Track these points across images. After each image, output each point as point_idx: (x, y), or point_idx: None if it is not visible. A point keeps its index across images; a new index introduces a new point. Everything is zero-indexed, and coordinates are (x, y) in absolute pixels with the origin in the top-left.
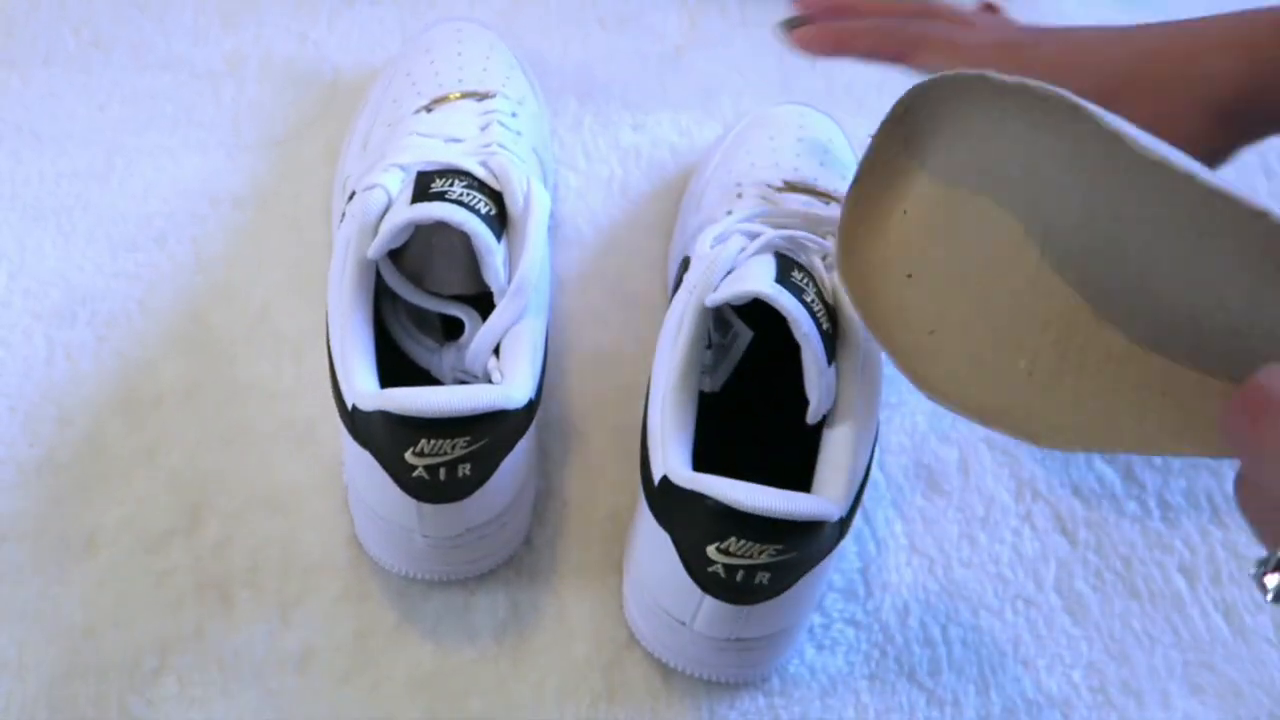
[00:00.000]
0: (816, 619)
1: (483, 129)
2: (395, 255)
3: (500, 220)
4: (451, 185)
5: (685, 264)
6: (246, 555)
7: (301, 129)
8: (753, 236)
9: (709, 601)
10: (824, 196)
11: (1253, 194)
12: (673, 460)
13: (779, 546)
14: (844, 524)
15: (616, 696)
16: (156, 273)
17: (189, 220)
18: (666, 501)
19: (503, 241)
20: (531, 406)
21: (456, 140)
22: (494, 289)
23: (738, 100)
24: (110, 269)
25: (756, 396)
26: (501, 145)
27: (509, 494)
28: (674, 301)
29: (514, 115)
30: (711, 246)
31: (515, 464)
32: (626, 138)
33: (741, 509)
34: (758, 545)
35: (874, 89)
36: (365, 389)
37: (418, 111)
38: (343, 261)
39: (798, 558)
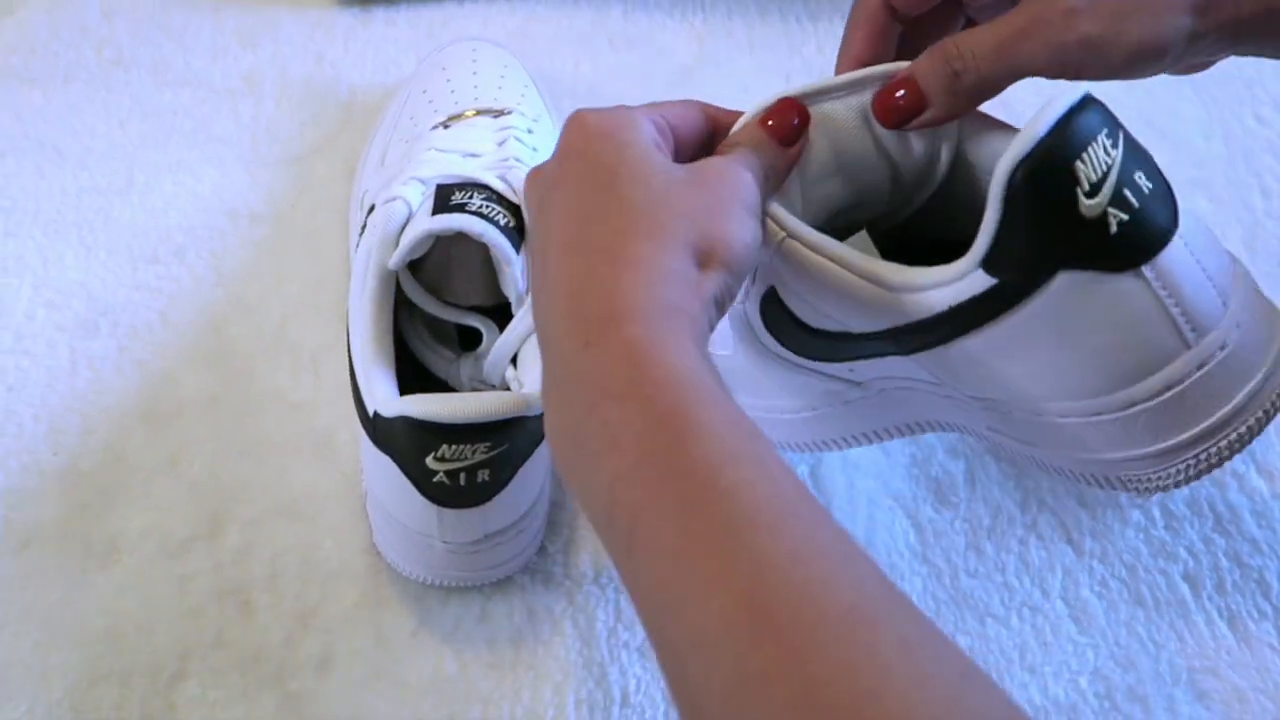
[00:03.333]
0: None
1: (500, 144)
2: (414, 266)
3: (519, 232)
4: (471, 197)
5: (371, 210)
6: (266, 562)
7: (318, 146)
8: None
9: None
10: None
11: None
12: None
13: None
14: None
15: (631, 702)
16: (177, 285)
17: (208, 235)
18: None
19: (521, 253)
20: None
21: (474, 155)
22: (512, 299)
23: None
24: (131, 282)
25: None
26: (519, 160)
27: (527, 500)
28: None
29: (530, 132)
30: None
31: (533, 471)
32: None
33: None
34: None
35: None
36: (386, 396)
37: (435, 128)
38: (364, 272)
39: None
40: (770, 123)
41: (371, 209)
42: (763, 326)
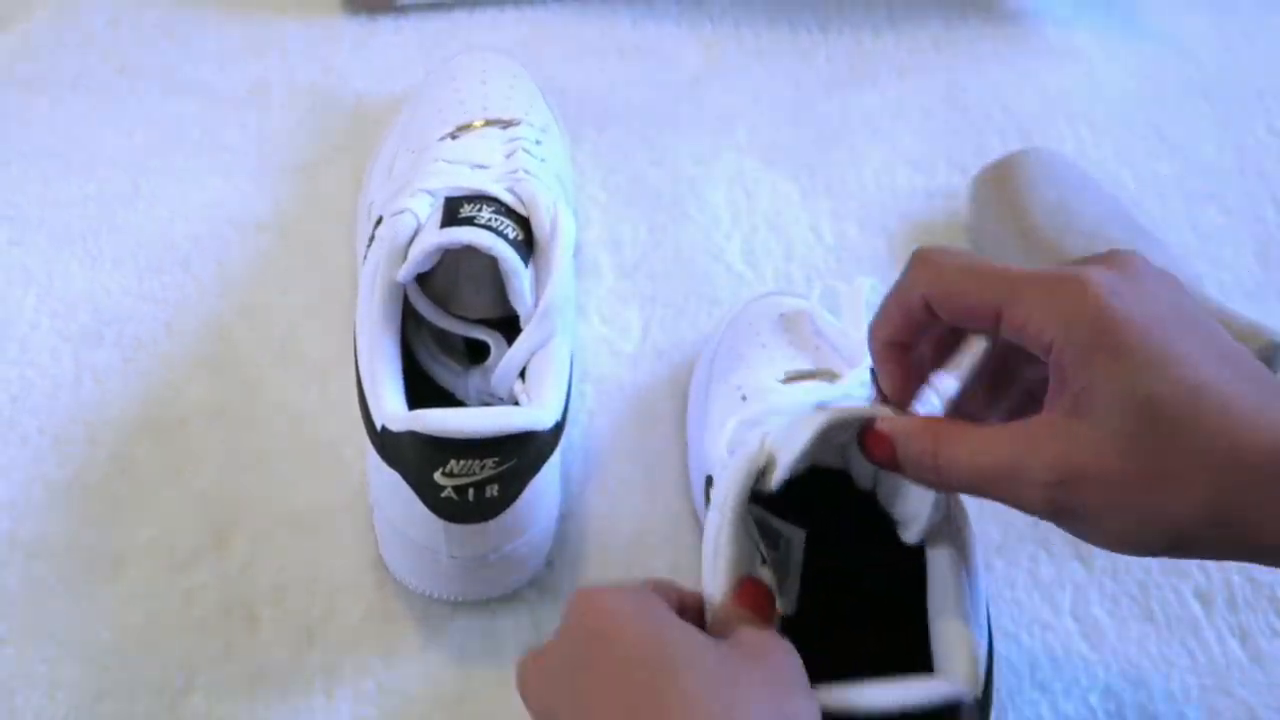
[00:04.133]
0: None
1: (508, 156)
2: (421, 279)
3: (527, 245)
4: (480, 210)
5: (709, 483)
6: (272, 575)
7: (325, 155)
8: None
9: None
10: (828, 375)
11: None
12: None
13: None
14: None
15: None
16: (182, 295)
17: (214, 245)
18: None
19: (529, 266)
20: (558, 428)
21: (483, 167)
22: (520, 313)
23: (754, 129)
24: (137, 291)
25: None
26: (527, 171)
27: (534, 515)
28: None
29: (538, 143)
30: (730, 453)
31: (541, 485)
32: (643, 167)
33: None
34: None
35: (889, 116)
36: (395, 410)
37: (443, 139)
38: (371, 285)
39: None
40: (744, 602)
41: (379, 221)
42: None
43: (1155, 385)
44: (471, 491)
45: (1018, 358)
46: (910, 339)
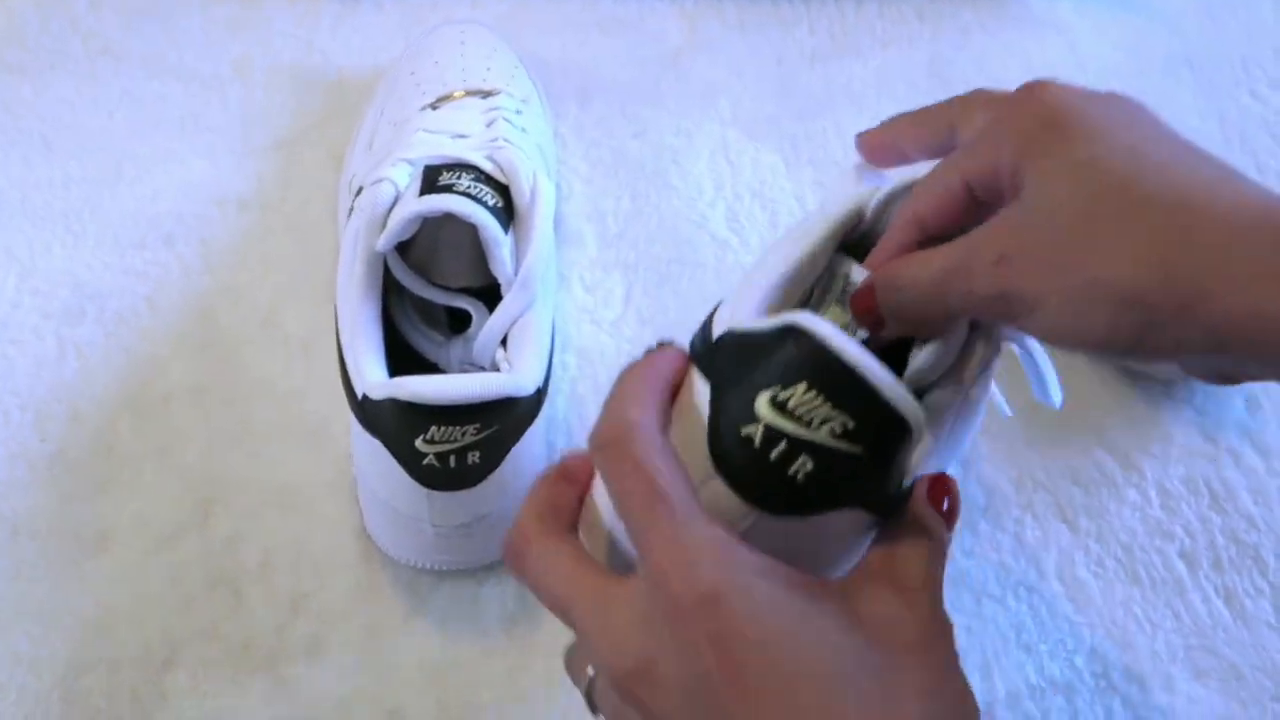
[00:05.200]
0: None
1: (488, 125)
2: (402, 249)
3: (507, 213)
4: (459, 178)
5: (359, 192)
6: (257, 550)
7: (307, 132)
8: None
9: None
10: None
11: None
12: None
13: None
14: (541, 394)
15: None
16: (165, 272)
17: (197, 222)
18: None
19: (510, 233)
20: (540, 395)
21: (463, 136)
22: (501, 280)
23: (737, 102)
24: (119, 267)
25: None
26: (507, 140)
27: (518, 482)
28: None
29: (518, 113)
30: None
31: (524, 452)
32: (626, 140)
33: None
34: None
35: (872, 88)
36: (376, 379)
37: (423, 109)
38: (352, 255)
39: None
40: (937, 498)
41: (359, 191)
42: None
43: (1093, 148)
44: (453, 458)
45: None
46: (948, 223)
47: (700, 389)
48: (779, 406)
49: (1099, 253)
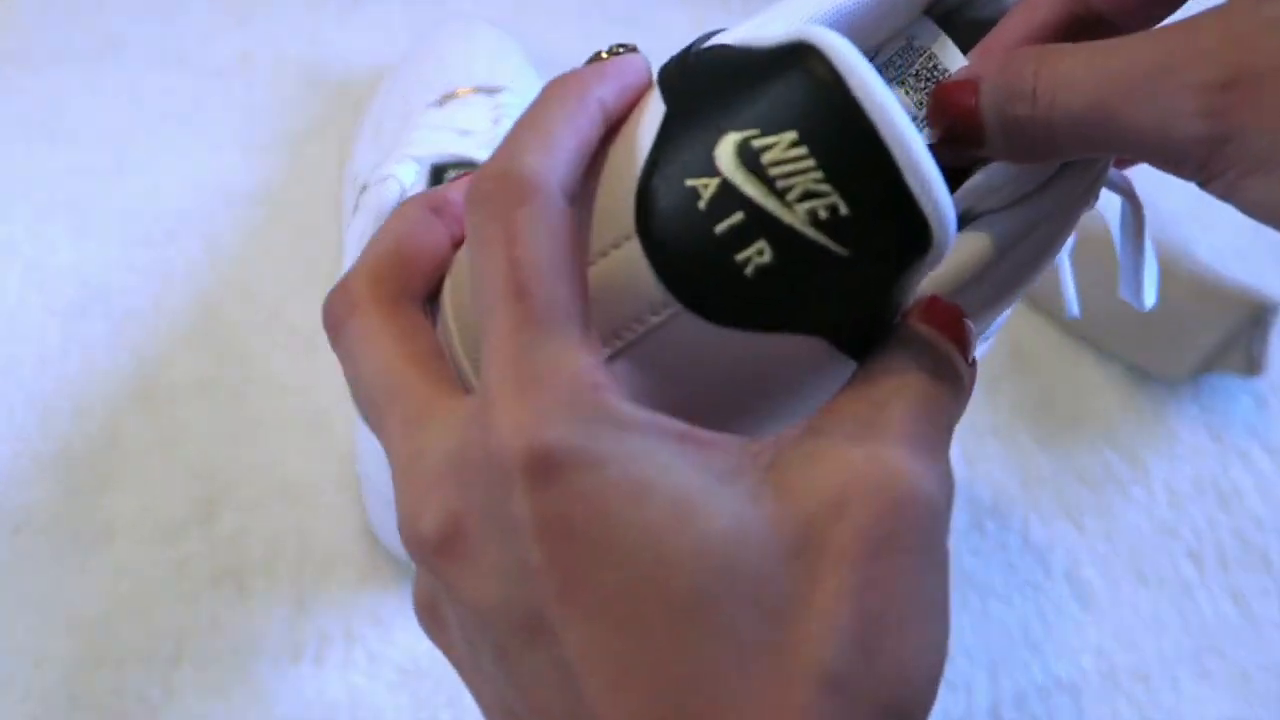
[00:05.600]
0: None
1: (494, 122)
2: None
3: None
4: (465, 177)
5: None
6: (262, 545)
7: (312, 126)
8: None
9: None
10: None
11: None
12: None
13: None
14: None
15: None
16: (169, 268)
17: (201, 217)
18: None
19: None
20: None
21: (468, 133)
22: None
23: None
24: (123, 264)
25: None
26: None
27: None
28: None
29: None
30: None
31: None
32: None
33: None
34: None
35: None
36: None
37: (428, 106)
38: (356, 252)
39: None
40: (936, 316)
41: (364, 188)
42: None
43: None
44: None
45: None
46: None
47: (652, 114)
48: (748, 159)
49: None
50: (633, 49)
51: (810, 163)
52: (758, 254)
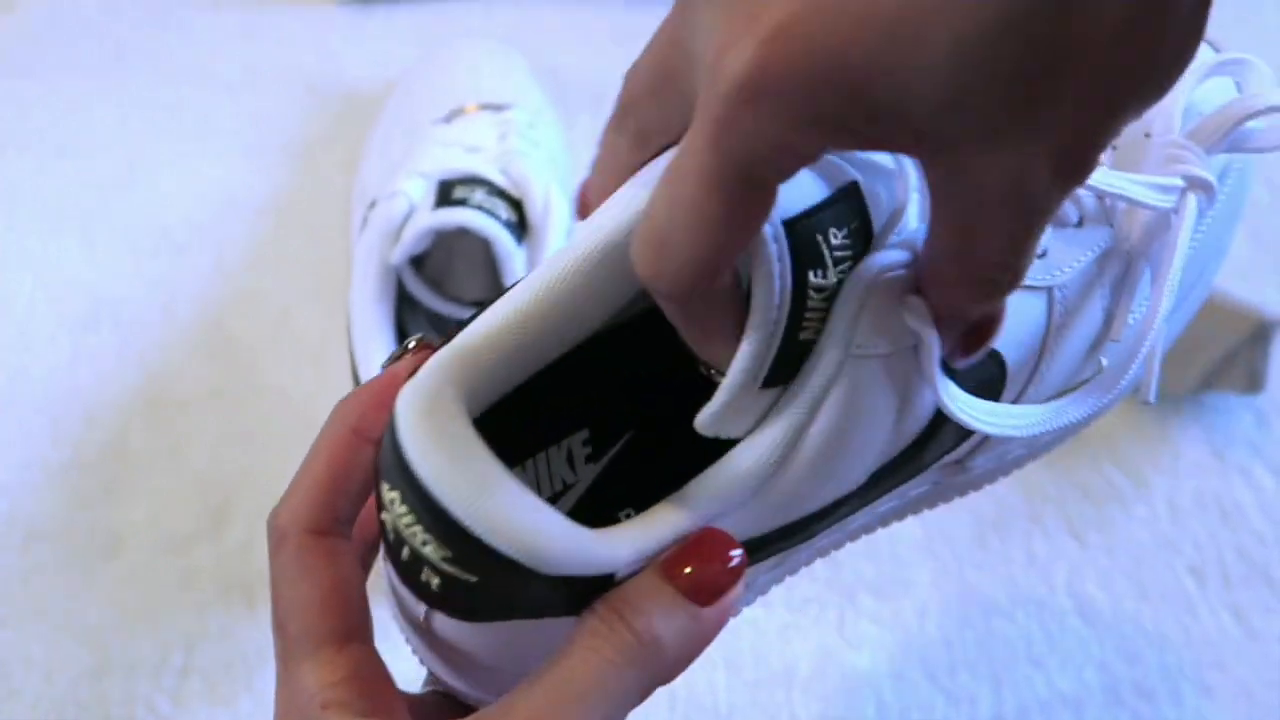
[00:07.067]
0: (846, 614)
1: (501, 139)
2: (415, 262)
3: (520, 226)
4: (473, 192)
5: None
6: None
7: (319, 139)
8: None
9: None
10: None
11: None
12: None
13: None
14: None
15: None
16: (178, 279)
17: (209, 228)
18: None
19: (523, 246)
20: None
21: (476, 150)
22: None
23: None
24: (132, 275)
25: None
26: (521, 154)
27: None
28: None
29: (531, 126)
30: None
31: None
32: None
33: None
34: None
35: None
36: None
37: (436, 122)
38: (365, 268)
39: None
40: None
41: (373, 204)
42: None
43: None
44: None
45: None
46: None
47: None
48: (390, 506)
49: None
50: (430, 344)
51: (413, 516)
52: (430, 579)
